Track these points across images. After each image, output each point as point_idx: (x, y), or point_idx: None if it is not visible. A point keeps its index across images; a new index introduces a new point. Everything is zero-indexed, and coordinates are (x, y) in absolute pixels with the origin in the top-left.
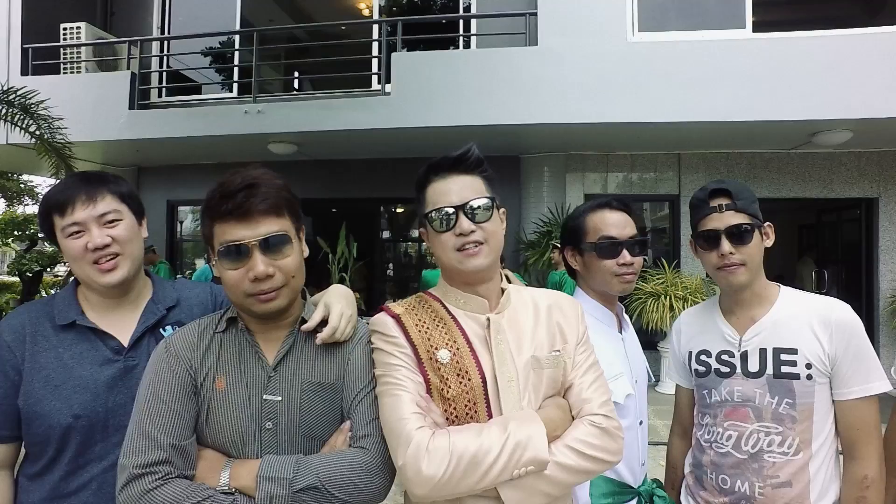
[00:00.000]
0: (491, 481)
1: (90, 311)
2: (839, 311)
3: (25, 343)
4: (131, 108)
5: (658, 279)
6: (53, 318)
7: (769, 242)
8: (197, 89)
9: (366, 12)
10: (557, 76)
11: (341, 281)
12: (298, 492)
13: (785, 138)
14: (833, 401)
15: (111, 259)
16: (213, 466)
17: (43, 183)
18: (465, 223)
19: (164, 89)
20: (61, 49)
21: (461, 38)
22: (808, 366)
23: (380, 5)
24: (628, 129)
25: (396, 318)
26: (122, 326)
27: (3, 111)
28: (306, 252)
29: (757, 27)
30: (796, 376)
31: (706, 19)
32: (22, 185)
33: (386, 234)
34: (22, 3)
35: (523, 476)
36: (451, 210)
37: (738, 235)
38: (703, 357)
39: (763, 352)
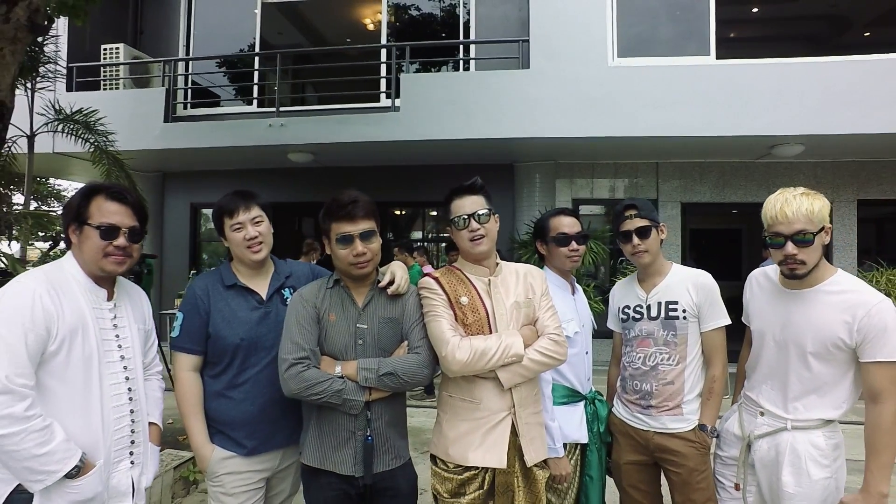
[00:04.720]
0: (492, 365)
1: (241, 277)
2: (703, 278)
3: (209, 295)
4: (166, 121)
5: None
6: (222, 280)
7: (664, 236)
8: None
9: (371, 27)
10: (547, 96)
11: None
12: (382, 375)
13: (748, 150)
14: (700, 332)
15: (259, 244)
16: (329, 365)
17: (69, 187)
18: (473, 224)
19: (190, 104)
20: (101, 67)
21: (461, 61)
22: (684, 311)
23: (387, 22)
24: (609, 142)
25: (436, 279)
26: (260, 287)
27: (71, 128)
28: (381, 242)
29: (721, 50)
30: (677, 318)
31: (676, 47)
32: (50, 189)
33: (390, 236)
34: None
35: (510, 364)
36: (465, 217)
37: (643, 233)
38: (626, 309)
39: (659, 304)
